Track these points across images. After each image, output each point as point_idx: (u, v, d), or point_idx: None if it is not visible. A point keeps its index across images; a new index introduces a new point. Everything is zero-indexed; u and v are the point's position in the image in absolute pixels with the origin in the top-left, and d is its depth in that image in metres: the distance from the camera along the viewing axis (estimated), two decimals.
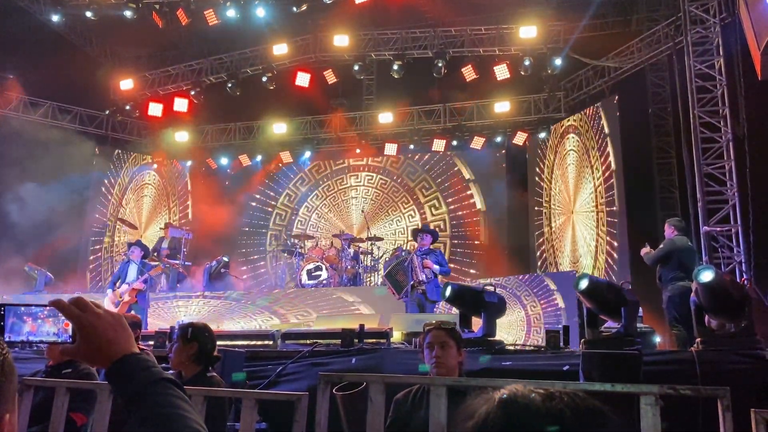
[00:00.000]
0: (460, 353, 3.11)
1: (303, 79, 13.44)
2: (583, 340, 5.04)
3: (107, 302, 9.17)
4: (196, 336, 3.51)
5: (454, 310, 6.53)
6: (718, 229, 9.26)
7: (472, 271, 13.81)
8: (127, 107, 14.38)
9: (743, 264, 9.01)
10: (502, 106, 13.62)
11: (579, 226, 12.77)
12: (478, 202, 14.40)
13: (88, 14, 12.77)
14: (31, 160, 12.77)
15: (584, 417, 0.80)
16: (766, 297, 8.16)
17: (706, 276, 4.73)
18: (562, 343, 5.27)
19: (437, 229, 12.80)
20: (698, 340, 4.85)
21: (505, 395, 0.83)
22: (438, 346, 3.04)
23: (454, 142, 14.00)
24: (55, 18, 13.41)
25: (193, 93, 14.07)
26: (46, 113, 14.34)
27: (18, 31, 13.27)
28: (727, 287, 4.80)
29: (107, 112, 14.70)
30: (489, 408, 0.82)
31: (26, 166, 12.65)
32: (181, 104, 14.08)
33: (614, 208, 11.83)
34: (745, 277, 8.49)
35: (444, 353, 3.03)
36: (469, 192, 14.55)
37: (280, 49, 13.60)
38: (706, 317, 5.02)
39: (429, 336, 3.11)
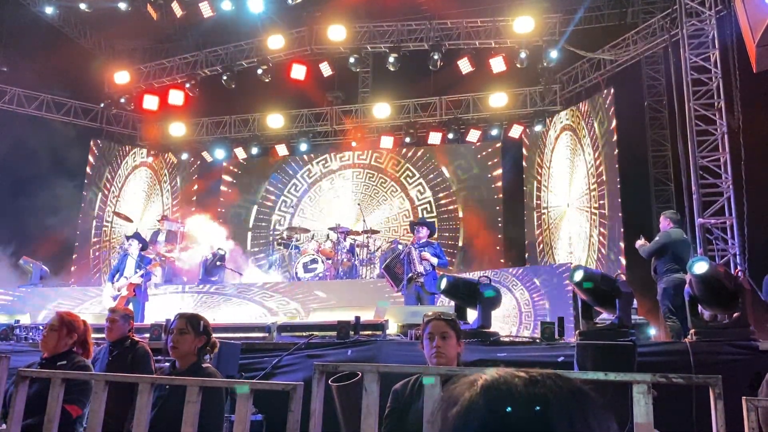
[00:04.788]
0: (460, 344, 3.10)
1: (299, 72, 13.40)
2: (577, 331, 5.06)
3: (106, 295, 9.18)
4: (207, 329, 3.52)
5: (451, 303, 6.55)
6: (713, 221, 9.30)
7: (467, 264, 13.84)
8: (122, 100, 14.33)
9: (737, 256, 9.05)
10: (498, 99, 13.61)
11: (574, 219, 12.80)
12: (475, 196, 14.43)
13: (82, 6, 12.70)
14: (26, 153, 12.72)
15: (567, 399, 0.79)
16: (760, 289, 8.20)
17: (700, 267, 4.75)
18: (556, 335, 5.30)
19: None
20: (692, 331, 4.88)
21: (487, 381, 0.82)
22: (438, 336, 3.03)
23: (450, 135, 13.99)
24: (48, 10, 13.33)
25: (188, 86, 14.02)
26: (41, 106, 14.28)
27: (11, 24, 13.20)
28: (721, 279, 4.82)
29: (102, 105, 14.64)
30: (471, 395, 0.81)
31: (21, 159, 12.60)
32: (176, 97, 14.04)
33: (609, 201, 11.85)
34: (739, 268, 8.53)
35: (444, 344, 3.02)
36: (465, 186, 14.57)
37: (276, 42, 13.55)
38: (700, 308, 5.05)
39: (429, 326, 3.08)
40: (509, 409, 0.78)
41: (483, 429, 0.78)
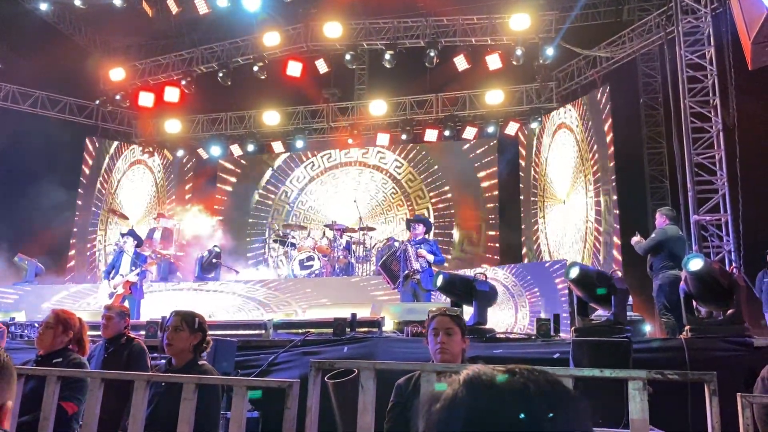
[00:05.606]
0: (464, 340, 3.12)
1: (294, 69, 13.37)
2: (573, 328, 5.07)
3: (102, 292, 9.16)
4: (202, 326, 3.52)
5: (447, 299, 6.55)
6: (708, 218, 9.32)
7: (465, 261, 13.86)
8: (118, 97, 14.28)
9: (732, 253, 9.07)
10: (494, 96, 13.61)
11: (570, 216, 12.81)
12: (471, 193, 14.44)
13: (77, 2, 12.64)
14: (21, 150, 12.67)
15: (546, 389, 0.82)
16: (755, 285, 8.24)
17: (695, 264, 4.77)
18: (552, 331, 5.31)
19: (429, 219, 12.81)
20: (687, 327, 4.89)
21: (468, 375, 0.85)
22: (443, 332, 3.03)
23: (447, 132, 13.98)
24: (43, 6, 13.26)
25: (183, 83, 13.98)
26: (35, 103, 14.23)
27: (5, 20, 13.12)
28: (716, 275, 4.83)
29: (97, 102, 14.59)
30: (454, 389, 0.84)
31: (15, 156, 12.56)
32: (171, 94, 14.00)
33: (605, 198, 11.88)
34: (734, 265, 8.56)
35: (449, 340, 3.03)
36: (462, 182, 14.58)
37: (272, 39, 13.52)
38: (695, 305, 5.07)
39: (434, 322, 3.09)
40: (502, 397, 0.80)
41: (468, 419, 0.80)
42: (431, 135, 14.10)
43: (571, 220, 12.78)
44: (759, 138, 9.15)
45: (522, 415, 0.78)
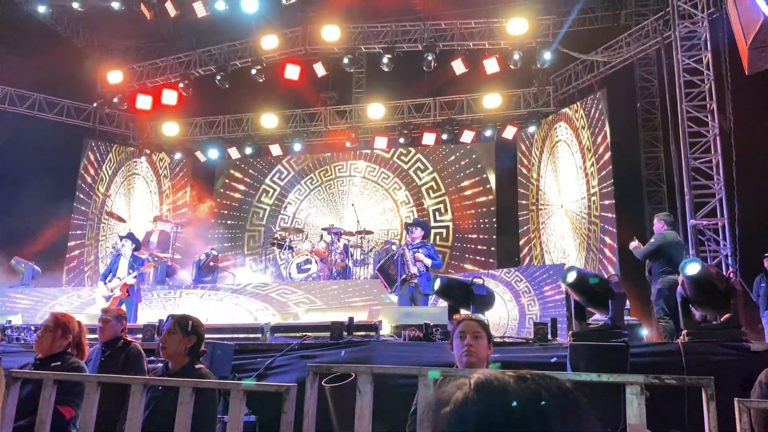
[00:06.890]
0: (490, 347, 3.19)
1: (292, 72, 13.38)
2: (570, 332, 5.07)
3: (99, 295, 9.14)
4: (196, 329, 3.51)
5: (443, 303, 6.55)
6: (705, 222, 9.34)
7: (464, 264, 13.87)
8: (115, 99, 14.26)
9: (729, 257, 9.09)
10: (491, 100, 13.64)
11: (567, 220, 12.83)
12: (469, 194, 14.44)
13: (75, 5, 12.63)
14: (18, 153, 12.65)
15: (558, 395, 0.82)
16: (752, 290, 8.25)
17: (693, 269, 4.77)
18: (549, 336, 5.31)
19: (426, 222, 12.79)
20: (684, 331, 4.89)
21: (479, 379, 0.84)
22: (470, 335, 3.11)
23: (444, 136, 14.00)
24: (41, 9, 13.25)
25: (181, 85, 13.96)
26: (33, 105, 14.21)
27: (3, 22, 13.12)
28: (713, 280, 4.84)
29: (95, 104, 14.57)
30: (464, 392, 0.83)
31: (12, 159, 12.53)
32: (169, 97, 13.98)
33: (602, 202, 11.89)
34: (731, 269, 8.57)
35: (476, 343, 3.10)
36: (460, 185, 14.58)
37: (270, 42, 13.53)
38: (692, 309, 5.07)
39: (461, 326, 3.17)
40: (514, 402, 0.80)
41: (478, 424, 0.80)
42: (429, 139, 14.12)
43: (568, 225, 12.80)
44: (755, 142, 9.18)
45: (533, 422, 0.78)
